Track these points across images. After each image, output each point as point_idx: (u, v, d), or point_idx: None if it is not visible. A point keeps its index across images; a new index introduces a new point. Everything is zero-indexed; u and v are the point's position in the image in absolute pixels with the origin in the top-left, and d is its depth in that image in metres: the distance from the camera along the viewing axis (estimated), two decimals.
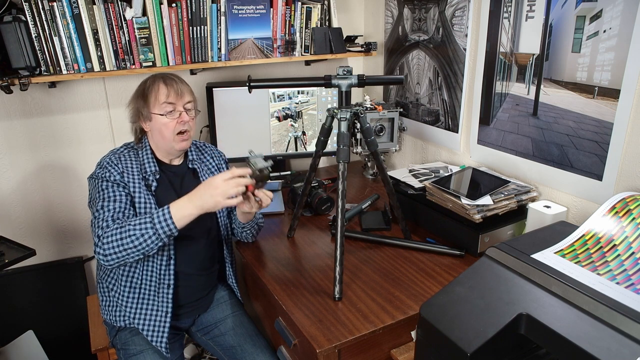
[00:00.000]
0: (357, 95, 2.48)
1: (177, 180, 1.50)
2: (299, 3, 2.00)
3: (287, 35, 2.03)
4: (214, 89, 1.99)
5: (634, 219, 1.00)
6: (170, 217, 1.24)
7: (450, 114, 1.91)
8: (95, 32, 1.69)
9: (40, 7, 1.59)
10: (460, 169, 1.76)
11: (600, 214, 1.06)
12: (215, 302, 1.61)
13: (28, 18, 1.59)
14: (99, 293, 1.54)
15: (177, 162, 1.52)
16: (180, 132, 1.42)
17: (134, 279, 1.43)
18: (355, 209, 1.79)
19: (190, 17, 1.82)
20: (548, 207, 1.44)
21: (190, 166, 1.54)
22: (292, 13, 2.01)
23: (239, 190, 1.26)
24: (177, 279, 1.45)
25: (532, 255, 1.02)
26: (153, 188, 1.42)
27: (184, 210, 1.25)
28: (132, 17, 1.72)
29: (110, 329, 1.52)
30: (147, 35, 1.75)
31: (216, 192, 1.24)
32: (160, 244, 1.27)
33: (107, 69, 1.75)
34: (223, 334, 1.55)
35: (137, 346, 1.45)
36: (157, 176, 1.44)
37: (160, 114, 1.40)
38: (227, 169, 1.58)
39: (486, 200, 1.47)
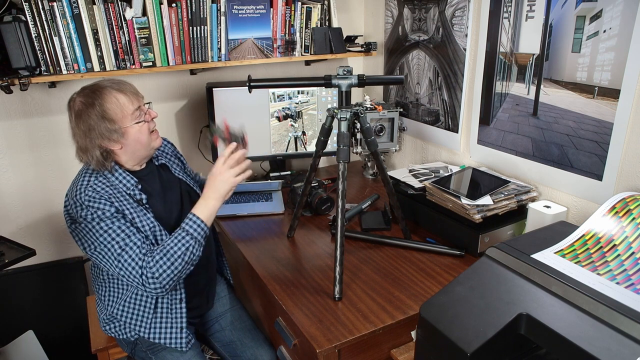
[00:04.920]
0: (357, 95, 2.48)
1: (155, 181, 1.43)
2: (299, 3, 2.00)
3: (287, 35, 2.03)
4: (214, 89, 1.99)
5: (634, 219, 1.00)
6: (201, 220, 1.30)
7: (450, 114, 1.91)
8: (95, 32, 1.69)
9: (40, 7, 1.59)
10: (460, 169, 1.76)
11: (600, 214, 1.06)
12: (216, 295, 1.62)
13: (28, 18, 1.59)
14: (102, 323, 1.47)
15: (145, 164, 1.44)
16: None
17: (148, 301, 1.38)
18: (355, 209, 1.79)
19: (190, 17, 1.82)
20: (548, 207, 1.44)
21: (157, 163, 1.48)
22: (292, 13, 2.01)
23: (240, 165, 1.34)
24: (187, 284, 1.41)
25: (532, 255, 1.02)
26: (144, 201, 1.34)
27: (207, 209, 1.32)
28: (132, 17, 1.72)
29: (127, 344, 1.47)
30: (147, 35, 1.75)
31: (225, 176, 1.32)
32: (201, 247, 1.32)
33: (107, 69, 1.75)
34: (223, 328, 1.56)
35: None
36: (139, 186, 1.36)
37: (136, 123, 1.31)
38: (179, 153, 1.63)
39: (486, 200, 1.47)
